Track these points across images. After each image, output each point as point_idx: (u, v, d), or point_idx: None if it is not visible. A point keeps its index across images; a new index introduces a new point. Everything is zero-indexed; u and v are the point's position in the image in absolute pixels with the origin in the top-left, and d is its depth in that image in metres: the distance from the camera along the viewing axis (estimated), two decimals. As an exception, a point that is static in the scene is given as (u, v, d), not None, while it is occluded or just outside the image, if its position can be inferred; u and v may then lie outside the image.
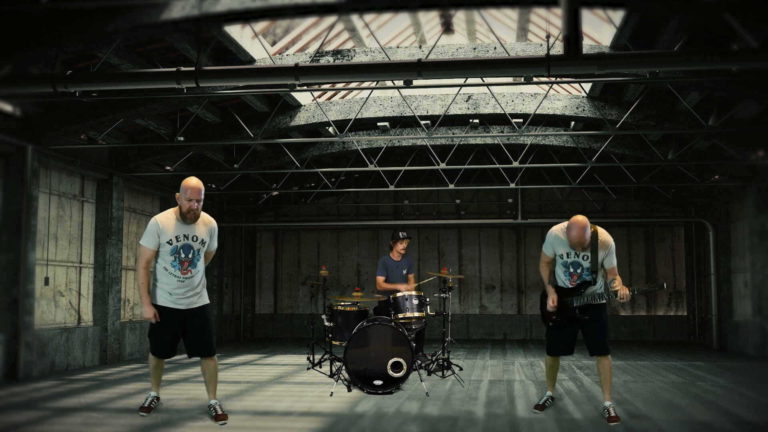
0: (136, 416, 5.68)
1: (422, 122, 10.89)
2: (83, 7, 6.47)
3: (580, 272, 5.57)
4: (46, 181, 9.67)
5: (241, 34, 8.19)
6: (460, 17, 10.91)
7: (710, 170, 13.08)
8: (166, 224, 5.34)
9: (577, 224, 5.38)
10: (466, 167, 12.22)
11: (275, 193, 16.17)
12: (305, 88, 8.58)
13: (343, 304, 8.01)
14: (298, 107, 11.14)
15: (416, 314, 7.73)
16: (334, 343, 7.95)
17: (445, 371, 8.33)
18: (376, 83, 10.70)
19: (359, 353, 6.98)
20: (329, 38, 9.97)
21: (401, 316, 7.70)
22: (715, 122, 9.57)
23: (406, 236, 8.64)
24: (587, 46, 8.64)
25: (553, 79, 8.47)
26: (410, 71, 5.71)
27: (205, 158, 13.29)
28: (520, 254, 17.15)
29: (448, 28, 10.32)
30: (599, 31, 9.03)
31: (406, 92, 10.89)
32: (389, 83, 9.98)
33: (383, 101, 11.35)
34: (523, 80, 8.15)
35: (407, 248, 8.82)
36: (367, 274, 17.44)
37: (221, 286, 15.67)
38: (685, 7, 6.23)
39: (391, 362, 6.91)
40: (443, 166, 11.86)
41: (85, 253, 10.67)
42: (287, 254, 18.01)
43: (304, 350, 12.55)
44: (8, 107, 8.73)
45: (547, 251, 5.74)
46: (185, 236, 5.35)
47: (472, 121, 11.38)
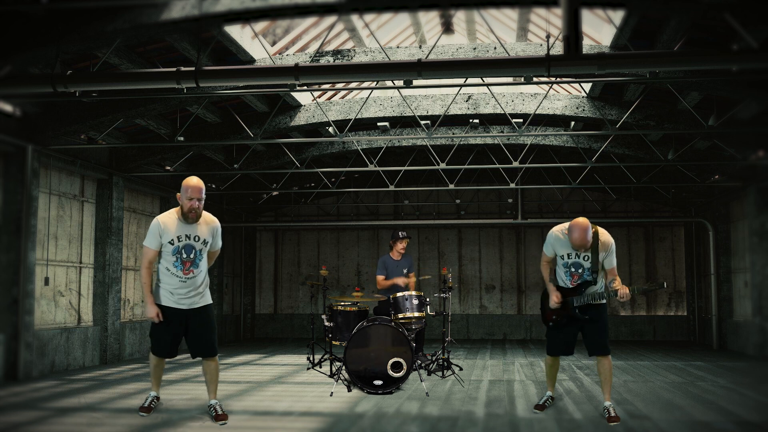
0: (136, 416, 5.68)
1: (422, 122, 10.89)
2: (83, 7, 6.48)
3: (581, 272, 5.59)
4: (46, 181, 9.67)
5: (241, 34, 8.19)
6: (460, 17, 10.91)
7: (710, 170, 13.07)
8: (167, 224, 5.34)
9: (578, 226, 5.39)
10: (466, 167, 12.22)
11: (275, 193, 16.17)
12: (305, 88, 8.58)
13: (343, 304, 8.01)
14: (298, 107, 11.14)
15: (416, 314, 7.73)
16: (334, 343, 7.95)
17: (445, 371, 8.33)
18: (376, 83, 10.70)
19: (359, 353, 6.98)
20: (329, 38, 9.97)
21: (401, 316, 7.70)
22: (715, 122, 9.57)
23: (405, 236, 8.65)
24: (587, 46, 8.64)
25: (553, 79, 8.47)
26: (410, 71, 5.71)
27: (205, 158, 13.29)
28: (520, 254, 17.15)
29: (448, 28, 10.32)
30: (599, 31, 9.03)
31: (406, 92, 10.89)
32: (389, 83, 9.98)
33: (383, 101, 11.34)
34: (523, 80, 8.15)
35: (407, 248, 8.83)
36: (367, 274, 17.44)
37: (221, 286, 15.68)
38: (685, 7, 6.23)
39: (391, 362, 6.91)
40: (443, 166, 11.86)
41: (85, 253, 10.67)
42: (287, 254, 18.01)
43: (304, 350, 12.55)
44: (8, 107, 8.73)
45: (547, 251, 5.77)
46: (187, 236, 5.35)
47: (472, 121, 11.37)
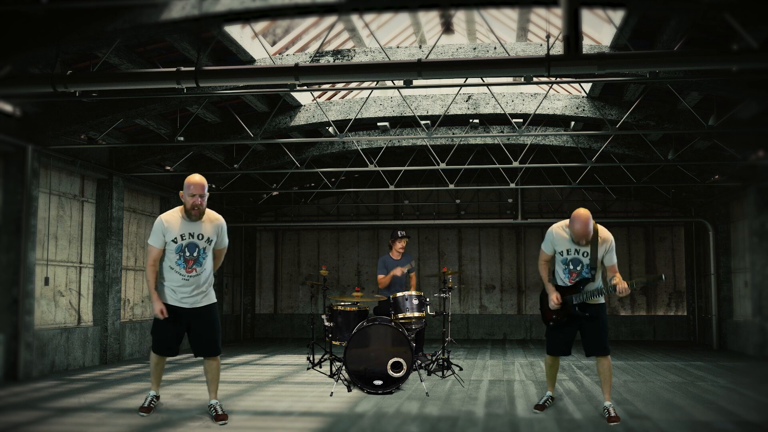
0: (136, 416, 5.68)
1: (422, 122, 10.89)
2: (83, 7, 6.47)
3: (579, 269, 5.57)
4: (46, 181, 9.67)
5: (241, 34, 8.19)
6: (460, 17, 10.91)
7: (710, 170, 13.07)
8: (171, 222, 5.34)
9: (580, 216, 5.38)
10: (466, 167, 12.22)
11: (275, 193, 16.17)
12: (305, 88, 8.58)
13: (343, 304, 8.02)
14: (298, 107, 11.14)
15: (416, 314, 7.73)
16: (334, 343, 7.95)
17: (445, 371, 8.33)
18: (376, 83, 10.70)
19: (359, 353, 6.99)
20: (329, 38, 9.97)
21: (401, 316, 7.70)
22: (715, 122, 9.57)
23: (404, 235, 8.65)
24: (587, 46, 8.63)
25: (553, 79, 8.47)
26: (410, 71, 5.71)
27: (205, 158, 13.29)
28: (520, 254, 17.15)
29: (448, 28, 10.32)
30: (599, 31, 9.03)
31: (406, 92, 10.89)
32: (389, 83, 9.98)
33: (383, 101, 11.34)
34: (523, 80, 8.15)
35: (407, 248, 8.83)
36: (367, 274, 17.44)
37: (221, 285, 15.67)
38: (685, 7, 6.23)
39: (391, 362, 6.91)
40: (443, 166, 11.86)
41: (85, 253, 10.67)
42: (287, 254, 18.01)
43: (304, 350, 12.55)
44: (8, 107, 8.73)
45: (546, 249, 5.74)
46: (190, 234, 5.35)
47: (472, 121, 11.37)
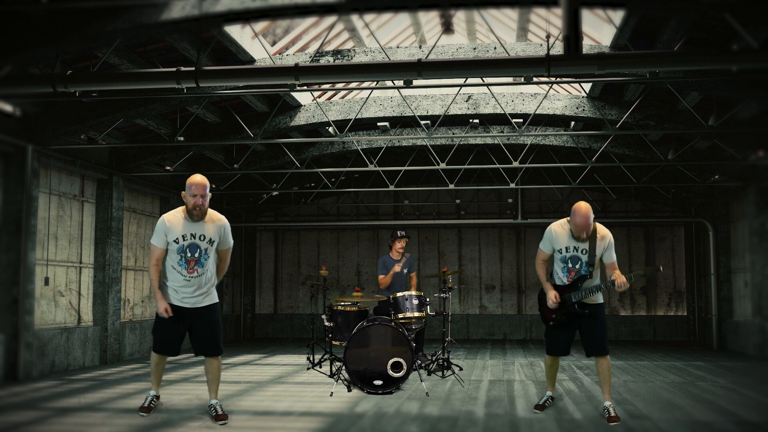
0: (136, 416, 5.68)
1: (422, 122, 10.89)
2: (83, 7, 6.47)
3: (578, 267, 5.56)
4: (46, 181, 9.67)
5: (241, 34, 8.19)
6: (460, 17, 10.91)
7: (710, 170, 13.07)
8: (173, 222, 5.35)
9: (580, 209, 5.38)
10: (466, 167, 12.22)
11: (275, 193, 16.17)
12: (305, 88, 8.58)
13: (343, 304, 8.02)
14: (298, 107, 11.14)
15: (416, 314, 7.73)
16: (334, 343, 7.95)
17: (445, 371, 8.33)
18: (376, 83, 10.70)
19: (359, 353, 6.98)
20: (329, 38, 9.97)
21: (401, 316, 7.70)
22: (715, 122, 9.57)
23: (404, 235, 8.65)
24: (587, 46, 8.63)
25: (553, 79, 8.47)
26: (410, 71, 5.71)
27: (205, 158, 13.29)
28: (520, 254, 17.15)
29: (448, 28, 10.32)
30: (599, 31, 9.03)
31: (406, 92, 10.89)
32: (389, 83, 9.98)
33: (383, 101, 11.34)
34: (523, 80, 8.15)
35: (407, 248, 8.83)
36: (367, 274, 17.44)
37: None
38: (685, 7, 6.23)
39: (391, 362, 6.91)
40: (443, 166, 11.86)
41: (85, 253, 10.67)
42: (287, 254, 18.01)
43: (304, 350, 12.55)
44: (8, 107, 8.73)
45: (544, 248, 5.74)
46: (192, 235, 5.34)
47: (472, 121, 11.37)
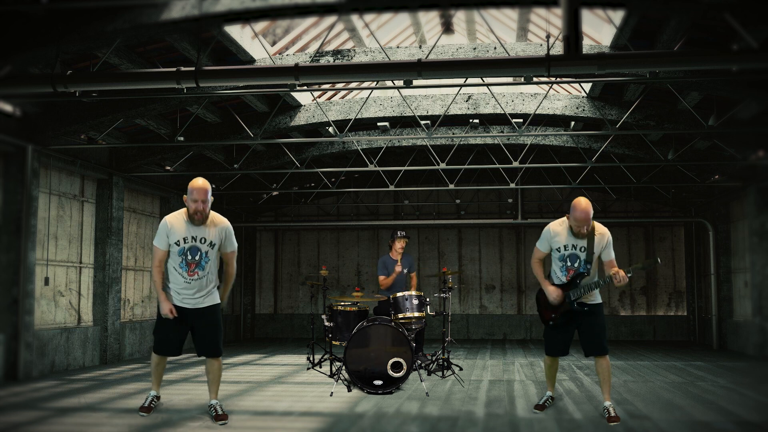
0: (136, 416, 5.68)
1: (422, 122, 10.89)
2: (83, 7, 6.47)
3: (577, 266, 5.55)
4: (46, 181, 9.67)
5: (241, 34, 8.19)
6: (460, 17, 10.91)
7: (710, 170, 13.07)
8: (175, 224, 5.36)
9: (580, 203, 5.39)
10: (466, 167, 12.22)
11: (275, 193, 16.17)
12: (305, 88, 8.57)
13: (343, 304, 8.02)
14: (298, 107, 11.14)
15: (416, 314, 7.73)
16: (334, 343, 7.95)
17: (445, 371, 8.33)
18: (376, 83, 10.70)
19: (359, 353, 6.98)
20: (329, 38, 9.97)
21: (401, 316, 7.70)
22: (715, 122, 9.57)
23: (404, 235, 8.65)
24: (587, 46, 8.63)
25: (553, 79, 8.47)
26: (410, 71, 5.71)
27: (205, 158, 13.29)
28: (520, 254, 17.14)
29: (448, 28, 10.32)
30: (599, 31, 9.03)
31: (406, 92, 10.89)
32: (389, 83, 9.98)
33: (383, 101, 11.34)
34: (523, 80, 8.15)
35: (407, 248, 8.83)
36: (367, 274, 17.44)
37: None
38: (685, 7, 6.23)
39: (391, 362, 6.91)
40: (443, 166, 11.86)
41: (85, 253, 10.67)
42: (287, 254, 18.01)
43: (304, 350, 12.55)
44: (8, 107, 8.73)
45: (541, 247, 5.72)
46: (193, 238, 5.36)
47: (472, 121, 11.37)
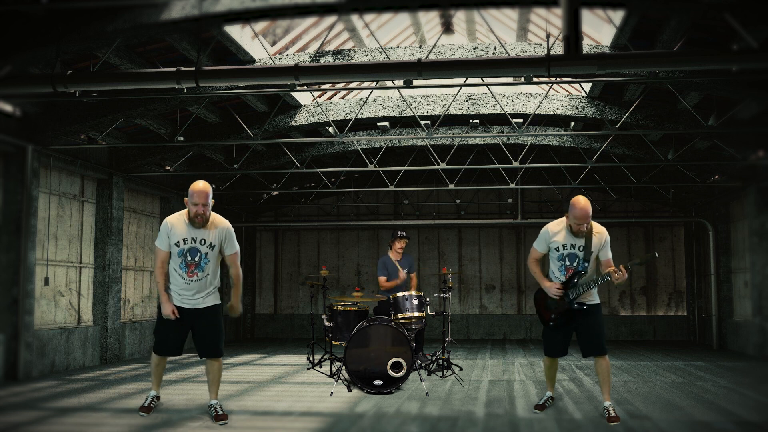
0: (136, 416, 5.68)
1: (422, 122, 10.89)
2: (83, 7, 6.47)
3: (576, 265, 5.55)
4: (46, 181, 9.67)
5: (241, 34, 8.19)
6: (460, 17, 10.91)
7: (710, 170, 13.07)
8: (175, 226, 5.40)
9: (579, 201, 5.40)
10: (466, 167, 12.22)
11: (275, 193, 16.17)
12: (305, 88, 8.57)
13: (343, 304, 8.02)
14: (298, 107, 11.14)
15: (416, 314, 7.73)
16: (334, 343, 7.95)
17: (445, 371, 8.33)
18: (376, 83, 10.70)
19: (359, 353, 6.98)
20: (329, 38, 9.97)
21: (401, 316, 7.70)
22: (715, 122, 9.57)
23: (404, 235, 8.65)
24: (587, 46, 8.63)
25: (553, 79, 8.47)
26: (410, 71, 5.71)
27: (205, 158, 13.29)
28: (520, 254, 17.14)
29: (448, 28, 10.32)
30: (599, 31, 9.03)
31: (406, 92, 10.89)
32: (389, 83, 9.98)
33: (383, 101, 11.34)
34: (523, 80, 8.15)
35: (407, 248, 8.83)
36: (367, 274, 17.44)
37: (222, 286, 15.65)
38: (685, 7, 6.23)
39: (391, 362, 6.91)
40: (443, 166, 11.86)
41: (85, 253, 10.67)
42: (287, 254, 18.01)
43: (304, 350, 12.55)
44: (8, 107, 8.73)
45: (539, 247, 5.71)
46: (193, 239, 5.39)
47: (472, 121, 11.37)
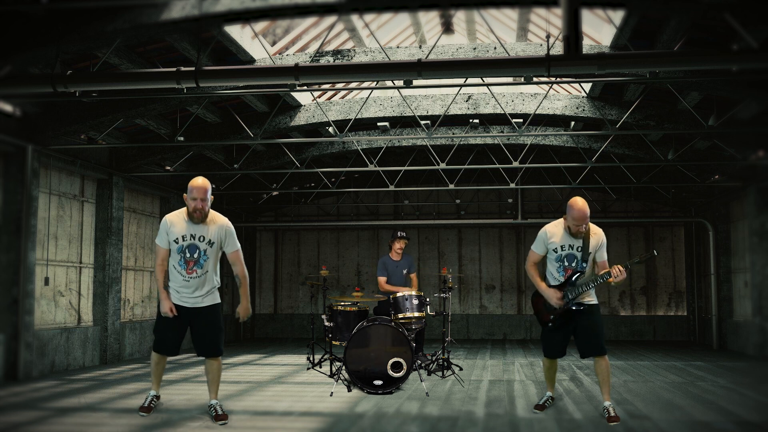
0: (136, 416, 5.68)
1: (422, 122, 10.89)
2: (83, 7, 6.47)
3: (574, 265, 5.55)
4: (46, 181, 9.67)
5: (241, 34, 8.19)
6: (460, 17, 10.91)
7: (710, 170, 13.07)
8: (175, 223, 5.41)
9: (576, 202, 5.41)
10: (466, 167, 12.22)
11: (275, 193, 16.17)
12: (305, 88, 8.58)
13: (343, 304, 8.02)
14: (298, 107, 11.14)
15: (416, 314, 7.73)
16: (334, 343, 7.95)
17: (445, 371, 8.33)
18: (376, 83, 10.70)
19: (359, 353, 6.99)
20: (329, 38, 9.97)
21: (401, 316, 7.70)
22: (715, 122, 9.57)
23: (404, 236, 8.64)
24: (587, 46, 8.63)
25: (553, 79, 8.47)
26: (410, 71, 5.71)
27: (205, 158, 13.29)
28: (520, 254, 17.14)
29: (448, 28, 10.32)
30: (599, 31, 9.03)
31: (406, 92, 10.89)
32: (389, 83, 9.98)
33: (383, 101, 11.34)
34: (523, 80, 8.15)
35: (407, 248, 8.83)
36: (367, 274, 17.44)
37: (222, 286, 15.65)
38: (685, 7, 6.23)
39: (391, 362, 6.91)
40: (443, 166, 11.86)
41: (85, 253, 10.67)
42: (287, 254, 18.01)
43: (304, 350, 12.55)
44: (8, 107, 8.73)
45: (537, 249, 5.70)
46: (192, 236, 5.40)
47: (472, 121, 11.37)
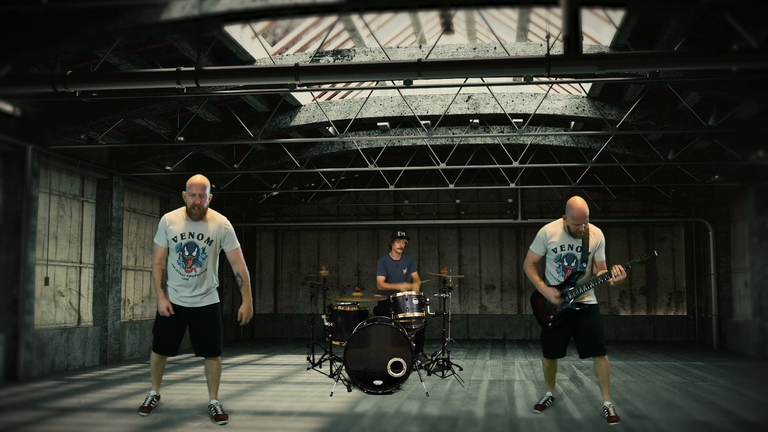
0: (136, 416, 5.68)
1: (422, 122, 10.89)
2: (83, 7, 6.48)
3: (574, 265, 5.54)
4: (46, 181, 9.67)
5: (241, 34, 8.19)
6: (460, 17, 10.91)
7: (710, 170, 13.07)
8: (173, 221, 5.42)
9: (576, 202, 5.42)
10: (466, 167, 12.22)
11: (275, 193, 16.17)
12: (305, 88, 8.58)
13: (343, 304, 8.02)
14: (298, 107, 11.14)
15: (416, 314, 7.73)
16: (334, 343, 7.95)
17: (445, 371, 8.33)
18: (376, 83, 10.70)
19: (359, 353, 6.99)
20: (329, 38, 9.97)
21: (401, 316, 7.70)
22: (715, 122, 9.57)
23: (403, 236, 8.64)
24: (587, 46, 8.63)
25: (553, 79, 8.47)
26: (410, 71, 5.71)
27: (205, 158, 13.29)
28: (520, 254, 17.14)
29: (448, 28, 10.32)
30: (599, 31, 9.03)
31: (406, 92, 10.89)
32: (389, 83, 9.98)
33: (383, 101, 11.34)
34: (523, 80, 8.15)
35: (407, 248, 8.83)
36: (367, 274, 17.44)
37: (221, 286, 15.65)
38: (685, 7, 6.24)
39: (391, 362, 6.91)
40: (443, 166, 11.86)
41: (85, 253, 10.67)
42: (287, 254, 18.01)
43: (304, 350, 12.55)
44: (8, 107, 8.73)
45: (536, 250, 5.70)
46: (191, 234, 5.41)
47: (472, 121, 11.37)
